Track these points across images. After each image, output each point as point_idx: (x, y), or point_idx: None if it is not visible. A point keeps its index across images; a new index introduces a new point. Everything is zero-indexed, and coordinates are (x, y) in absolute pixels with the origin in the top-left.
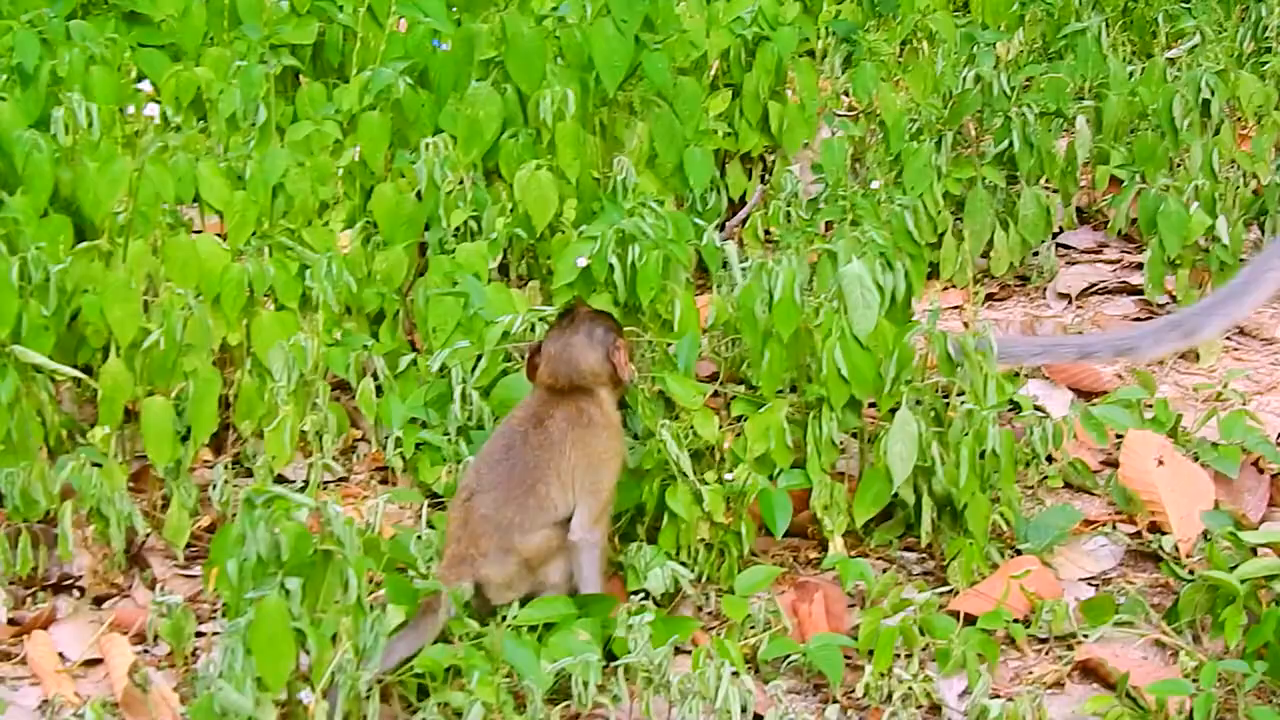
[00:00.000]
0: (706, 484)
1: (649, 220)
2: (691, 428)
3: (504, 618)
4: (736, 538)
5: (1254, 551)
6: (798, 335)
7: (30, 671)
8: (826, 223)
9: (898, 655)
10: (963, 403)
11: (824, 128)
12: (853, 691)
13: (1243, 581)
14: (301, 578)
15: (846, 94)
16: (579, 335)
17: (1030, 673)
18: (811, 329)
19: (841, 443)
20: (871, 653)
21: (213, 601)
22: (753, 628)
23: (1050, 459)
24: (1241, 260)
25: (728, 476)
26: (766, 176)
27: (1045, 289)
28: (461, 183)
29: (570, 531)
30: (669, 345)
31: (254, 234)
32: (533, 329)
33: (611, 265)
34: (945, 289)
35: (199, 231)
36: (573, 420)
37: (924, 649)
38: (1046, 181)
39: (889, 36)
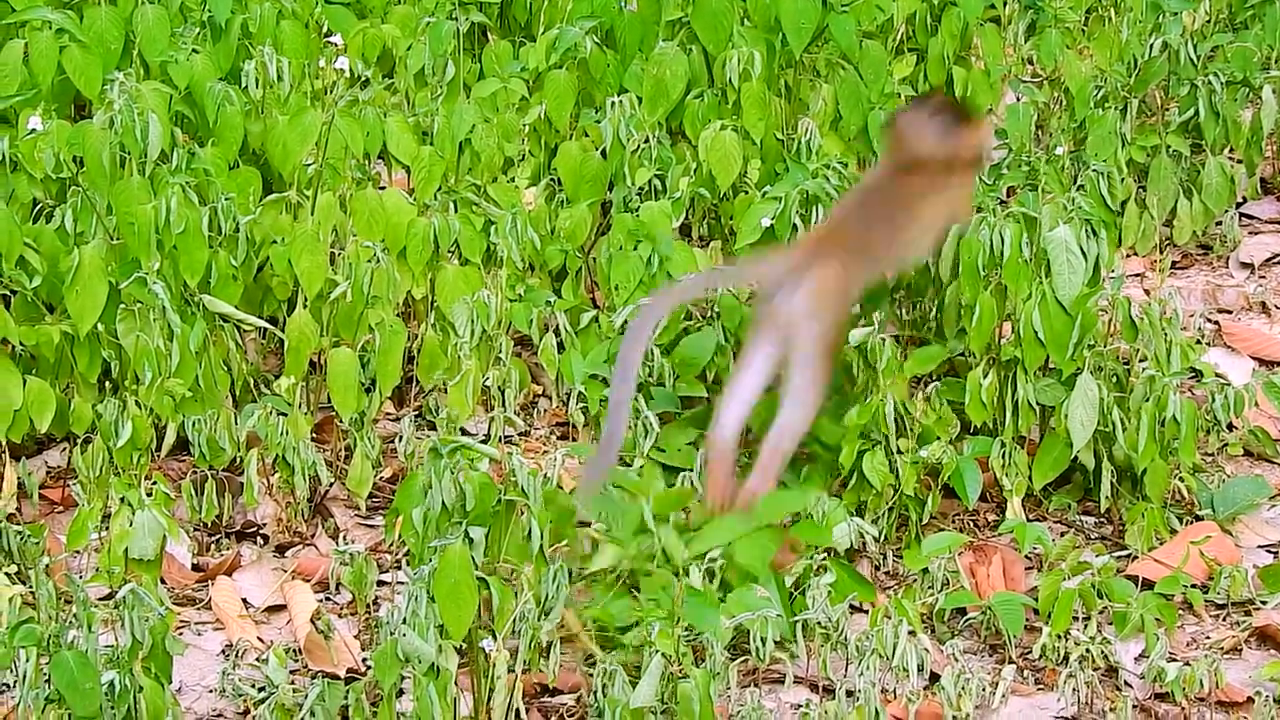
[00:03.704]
0: (901, 453)
1: (833, 182)
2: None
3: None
4: (919, 503)
5: None
6: (1003, 294)
7: (214, 616)
8: (1009, 188)
9: (1075, 617)
10: (1144, 369)
11: (1008, 93)
12: (1029, 652)
13: None
14: (485, 527)
15: (1031, 60)
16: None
17: (1207, 638)
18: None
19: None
20: (1050, 614)
21: (393, 551)
22: (930, 587)
23: (1231, 427)
24: None
25: (922, 452)
26: None
27: (1228, 258)
28: (646, 142)
29: None
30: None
31: (440, 189)
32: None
33: (795, 226)
34: (1127, 256)
35: (385, 186)
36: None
37: (1101, 612)
38: (1231, 151)
39: (1074, 3)
